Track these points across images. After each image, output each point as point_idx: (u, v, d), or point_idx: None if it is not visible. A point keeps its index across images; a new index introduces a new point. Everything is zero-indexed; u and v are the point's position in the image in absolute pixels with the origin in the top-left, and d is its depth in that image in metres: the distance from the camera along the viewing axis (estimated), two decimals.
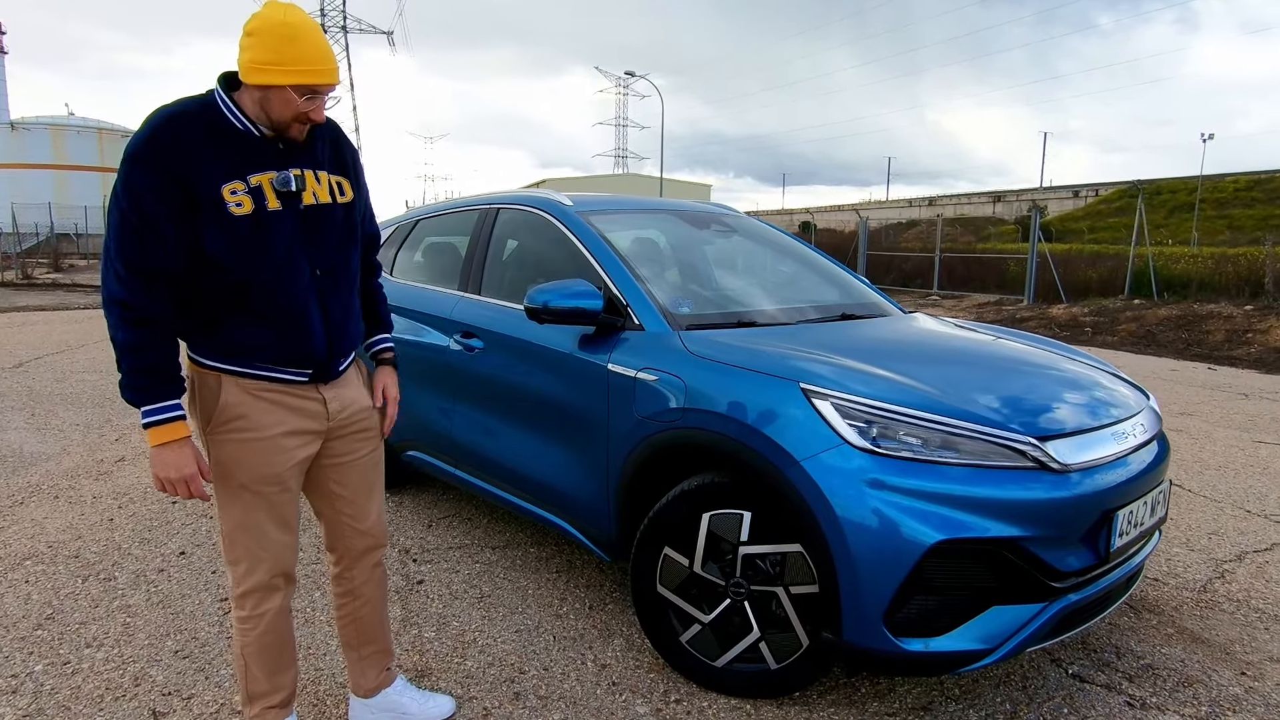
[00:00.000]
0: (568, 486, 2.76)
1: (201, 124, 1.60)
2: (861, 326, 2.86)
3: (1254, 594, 3.06)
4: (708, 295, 2.96)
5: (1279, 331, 10.68)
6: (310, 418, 1.79)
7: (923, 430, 2.00)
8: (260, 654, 1.84)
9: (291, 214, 1.68)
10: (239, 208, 1.61)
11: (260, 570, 1.78)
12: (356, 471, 1.93)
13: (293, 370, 1.74)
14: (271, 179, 1.65)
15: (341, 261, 1.81)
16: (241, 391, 1.70)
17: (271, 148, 1.67)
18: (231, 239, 1.61)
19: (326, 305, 1.76)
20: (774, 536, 2.15)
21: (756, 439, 2.12)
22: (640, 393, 2.45)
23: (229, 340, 1.69)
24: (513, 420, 2.98)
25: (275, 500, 1.76)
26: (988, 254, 19.57)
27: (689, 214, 3.56)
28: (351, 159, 1.87)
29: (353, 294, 1.87)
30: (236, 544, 1.77)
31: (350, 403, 1.87)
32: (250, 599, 1.80)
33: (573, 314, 2.58)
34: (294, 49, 1.57)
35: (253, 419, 1.71)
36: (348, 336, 1.84)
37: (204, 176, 1.58)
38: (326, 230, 1.76)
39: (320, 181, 1.75)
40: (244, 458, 1.72)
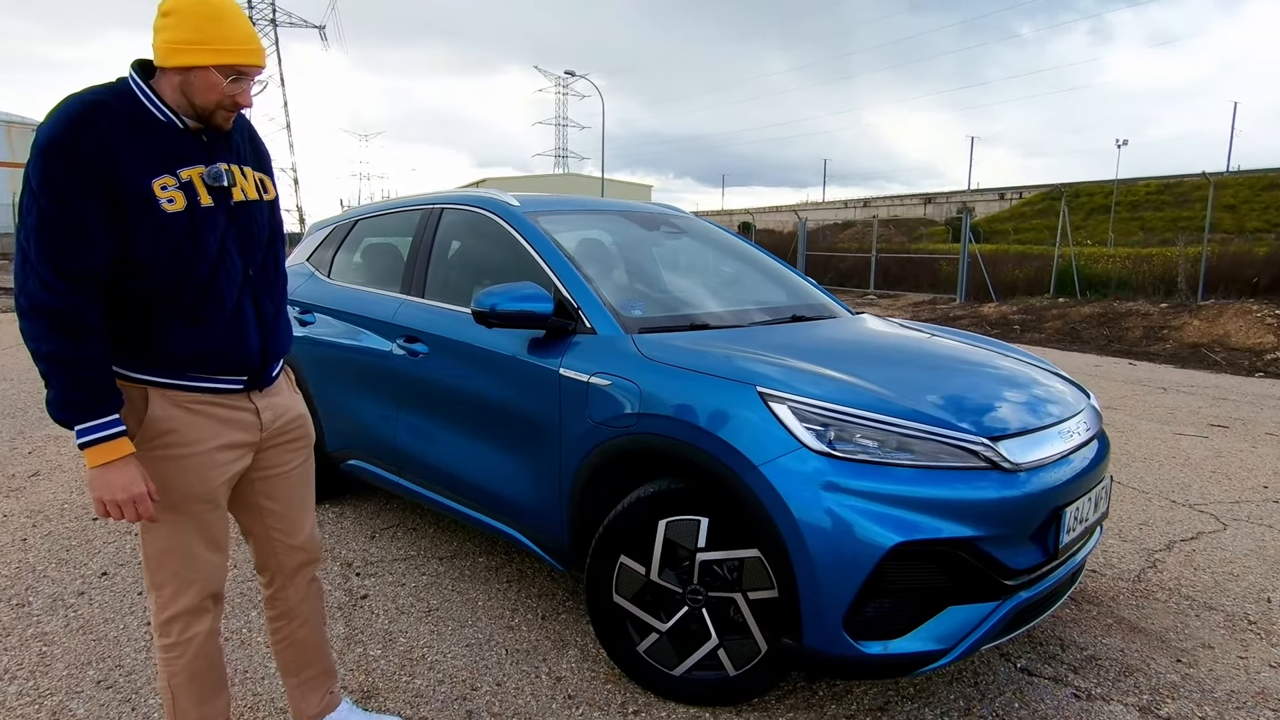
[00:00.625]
0: (518, 494, 2.69)
1: (120, 115, 1.48)
2: (813, 328, 2.87)
3: (1184, 582, 3.18)
4: (659, 297, 2.93)
5: (1192, 328, 11.26)
6: (244, 429, 1.69)
7: (879, 432, 2.00)
8: (189, 682, 1.72)
9: (223, 211, 1.60)
10: (171, 204, 1.50)
11: (188, 594, 1.67)
12: (288, 484, 1.83)
13: (226, 379, 1.65)
14: (201, 173, 1.56)
15: (272, 260, 1.74)
16: (170, 405, 1.59)
17: (196, 141, 1.57)
18: (163, 239, 1.50)
19: (261, 306, 1.68)
20: (732, 542, 2.13)
21: (713, 444, 2.09)
22: (593, 398, 2.40)
23: (159, 349, 1.57)
24: (460, 427, 2.89)
25: (206, 519, 1.66)
26: (921, 254, 20.13)
27: (638, 215, 3.52)
28: (266, 157, 1.80)
29: (284, 294, 1.79)
30: (163, 567, 1.65)
31: (283, 411, 1.79)
32: (177, 624, 1.68)
33: (522, 317, 2.51)
34: (217, 27, 1.47)
35: (183, 434, 1.60)
36: (280, 339, 1.76)
37: (131, 171, 1.46)
38: (257, 227, 1.68)
39: (246, 177, 1.67)
40: (174, 476, 1.60)
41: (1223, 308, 11.49)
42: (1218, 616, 2.90)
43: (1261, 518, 3.97)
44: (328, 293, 3.68)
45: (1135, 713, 2.27)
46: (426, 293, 3.22)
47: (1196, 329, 11.21)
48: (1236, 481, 4.60)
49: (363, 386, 3.31)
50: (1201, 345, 10.67)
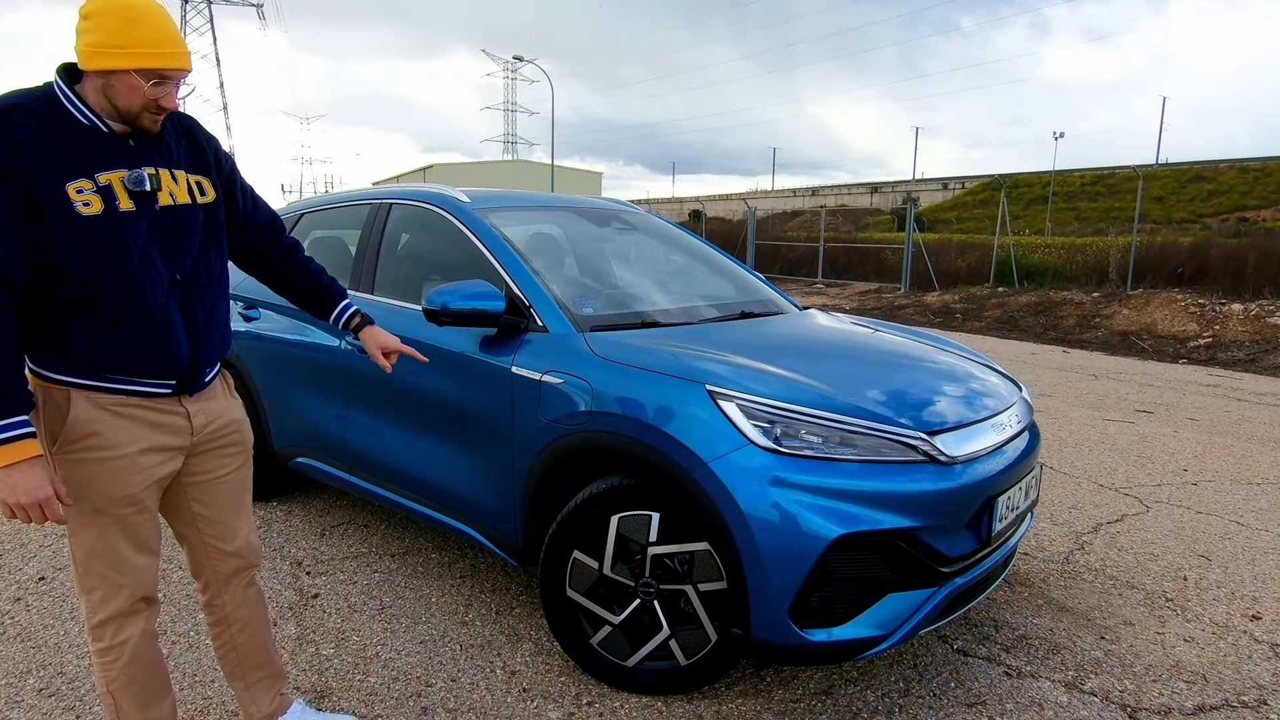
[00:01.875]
0: (471, 491, 2.70)
1: (39, 119, 1.47)
2: (761, 325, 2.94)
3: (1109, 563, 3.37)
4: (611, 295, 2.96)
5: (1121, 317, 11.76)
6: (172, 433, 1.67)
7: (822, 429, 2.08)
8: (128, 686, 1.71)
9: (146, 215, 1.57)
10: (87, 208, 1.49)
11: (119, 597, 1.65)
12: (222, 490, 1.82)
13: (154, 382, 1.63)
14: (122, 177, 1.53)
15: (204, 265, 1.69)
16: (94, 407, 1.58)
17: (121, 144, 1.55)
18: (80, 243, 1.49)
19: (189, 312, 1.65)
20: (682, 536, 2.18)
21: (663, 441, 2.14)
22: (546, 396, 2.43)
23: (80, 353, 1.55)
24: (411, 424, 2.89)
25: (132, 522, 1.64)
26: (868, 244, 20.53)
27: (589, 211, 3.54)
28: (215, 155, 1.75)
29: (218, 299, 1.75)
30: (91, 571, 1.64)
31: (216, 416, 1.77)
32: (109, 627, 1.67)
33: (473, 315, 2.52)
34: (137, 30, 1.46)
35: (107, 436, 1.58)
36: (212, 344, 1.73)
37: (45, 176, 1.45)
38: (186, 233, 1.64)
39: (178, 181, 1.63)
40: (97, 478, 1.58)
41: (1150, 297, 12.02)
42: (1138, 595, 3.07)
43: (1180, 500, 4.21)
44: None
45: (1062, 688, 2.41)
46: (376, 289, 3.19)
47: (1126, 317, 11.71)
48: (1159, 465, 4.85)
49: (310, 383, 3.27)
50: (1130, 333, 11.16)
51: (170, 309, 1.61)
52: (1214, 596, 3.07)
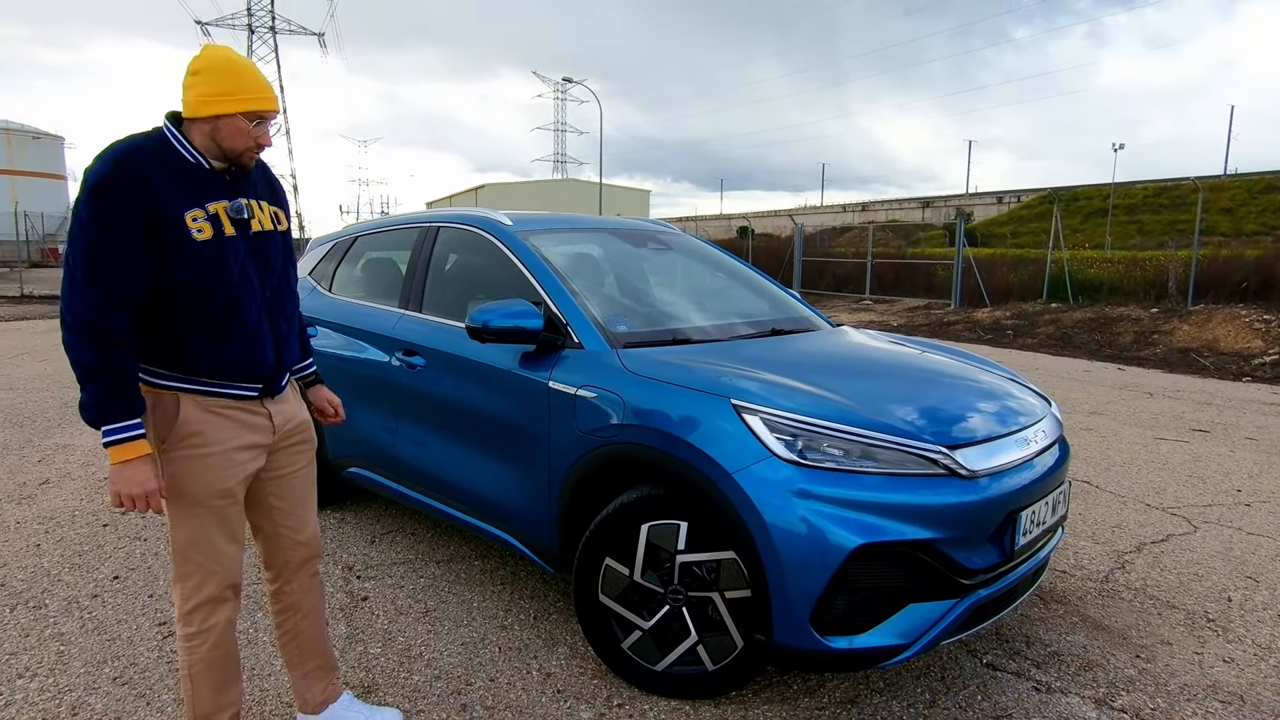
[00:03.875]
0: (510, 500, 2.83)
1: (157, 157, 1.71)
2: (790, 342, 3.02)
3: (1150, 582, 3.33)
4: (645, 313, 3.07)
5: (1181, 333, 11.40)
6: (259, 432, 1.90)
7: (844, 442, 2.15)
8: (208, 670, 1.89)
9: (244, 239, 1.82)
10: (200, 234, 1.73)
11: (211, 584, 1.85)
12: (295, 484, 2.03)
13: (245, 385, 1.85)
14: (225, 207, 1.78)
15: (285, 283, 1.97)
16: (199, 409, 1.80)
17: (220, 179, 1.80)
18: (193, 264, 1.72)
19: (275, 324, 1.91)
20: (709, 544, 2.27)
21: (691, 453, 2.23)
22: (580, 409, 2.55)
23: (189, 360, 1.78)
24: (455, 436, 3.04)
25: (226, 514, 1.85)
26: (917, 260, 20.28)
27: (626, 232, 3.67)
28: (281, 193, 2.02)
29: (294, 312, 2.02)
30: (188, 559, 1.83)
31: (291, 416, 2.00)
32: (200, 613, 1.85)
33: (513, 333, 2.66)
34: (240, 80, 1.74)
35: (208, 435, 1.80)
36: (291, 352, 1.99)
37: (167, 205, 1.69)
38: (272, 254, 1.90)
39: (263, 210, 1.90)
40: (198, 473, 1.80)
41: (1212, 312, 11.64)
42: (1179, 615, 3.04)
43: (1231, 520, 4.11)
44: (329, 306, 3.83)
45: (1091, 705, 2.41)
46: (424, 308, 3.37)
47: (1186, 334, 11.36)
48: (1211, 485, 4.74)
49: (363, 397, 3.45)
50: (1190, 350, 10.82)
51: (262, 321, 1.86)
52: (1259, 618, 3.02)
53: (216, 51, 1.75)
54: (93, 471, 4.68)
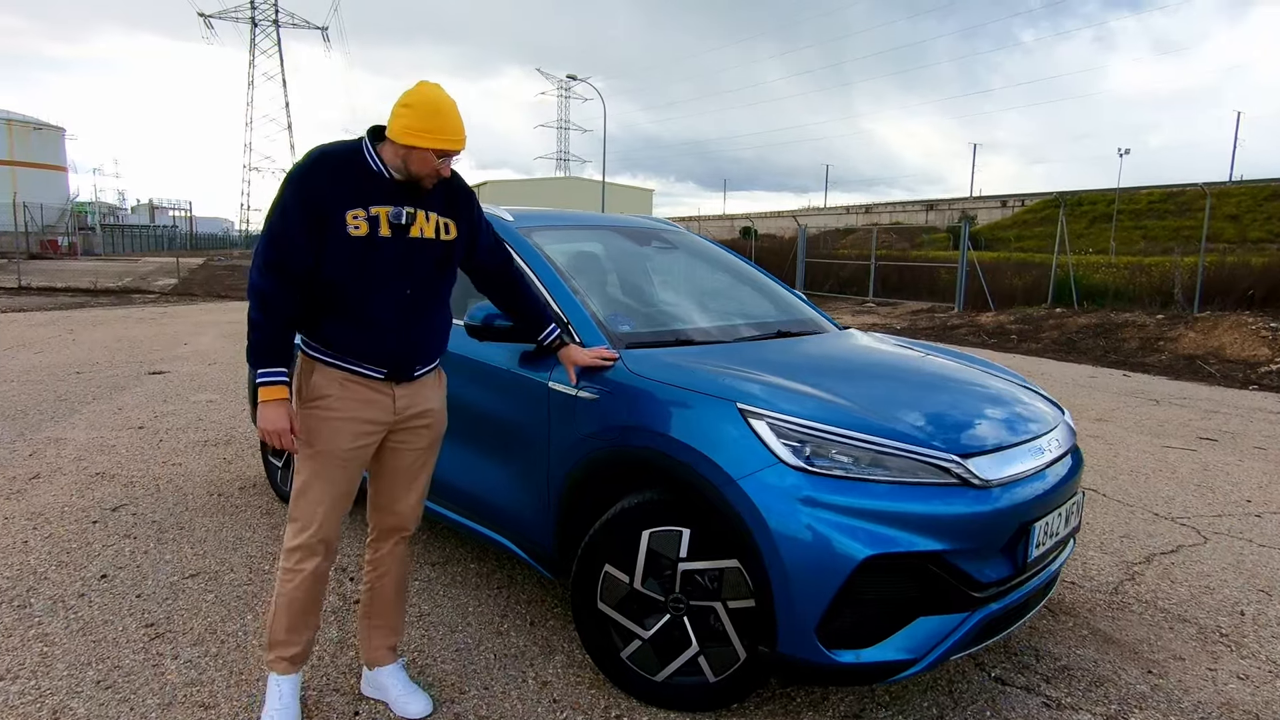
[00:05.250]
0: (508, 503, 2.76)
1: (346, 162, 2.00)
2: (796, 344, 2.94)
3: (1160, 595, 3.25)
4: (648, 313, 3.00)
5: (1187, 340, 11.32)
6: (379, 409, 2.12)
7: (853, 449, 2.08)
8: (289, 606, 2.14)
9: (399, 242, 2.03)
10: (356, 230, 1.98)
11: (309, 530, 2.11)
12: (404, 459, 2.24)
13: (370, 367, 2.09)
14: (388, 212, 2.01)
15: (431, 287, 2.13)
16: (328, 379, 2.08)
17: (396, 188, 2.03)
18: (344, 254, 1.98)
19: (410, 320, 2.09)
20: (712, 552, 2.20)
21: (694, 457, 2.16)
22: (581, 410, 2.48)
23: (325, 335, 2.06)
24: (452, 436, 2.96)
25: (335, 475, 2.10)
26: (920, 262, 20.20)
27: (630, 230, 3.60)
28: (466, 204, 2.20)
29: (438, 315, 2.18)
30: (299, 504, 2.12)
31: (417, 402, 2.19)
32: (296, 554, 2.12)
33: (512, 330, 2.59)
34: (439, 120, 1.94)
35: (332, 401, 2.07)
36: (427, 348, 2.17)
37: (335, 202, 1.96)
38: (424, 260, 2.09)
39: (429, 220, 2.08)
40: (321, 430, 2.08)
41: (1218, 319, 11.55)
42: (1190, 629, 2.96)
43: (1241, 531, 4.04)
44: None
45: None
46: None
47: (1192, 341, 11.27)
48: (1220, 495, 4.66)
49: None
50: (1196, 357, 10.74)
51: (396, 316, 2.06)
52: (1273, 634, 2.94)
53: (428, 90, 1.95)
54: (84, 466, 4.62)
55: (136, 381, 7.29)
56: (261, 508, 4.01)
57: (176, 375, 7.68)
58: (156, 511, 3.92)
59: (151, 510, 3.93)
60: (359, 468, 2.16)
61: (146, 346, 9.54)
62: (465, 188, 2.21)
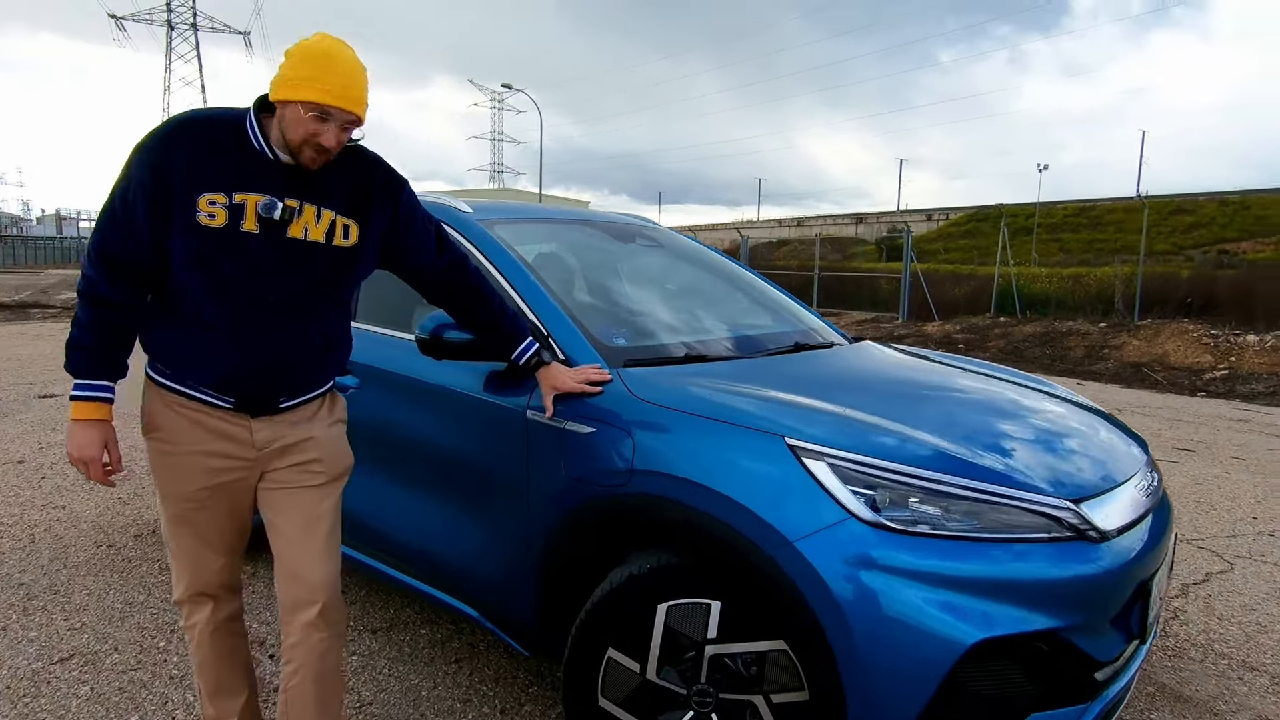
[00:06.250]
0: (474, 564, 2.20)
1: (215, 134, 1.58)
2: (823, 359, 2.47)
3: (1214, 636, 2.89)
4: (645, 323, 2.47)
5: (1131, 348, 11.44)
6: (232, 442, 1.69)
7: (942, 497, 1.60)
8: (199, 668, 1.84)
9: (268, 240, 1.60)
10: (210, 219, 1.56)
11: (183, 583, 1.78)
12: (295, 501, 1.75)
13: (214, 394, 1.65)
14: (258, 201, 1.58)
15: (310, 302, 1.68)
16: (161, 404, 1.68)
17: (279, 173, 1.60)
18: (192, 249, 1.57)
19: (274, 340, 1.65)
20: (751, 631, 1.69)
21: (729, 510, 1.66)
22: (571, 447, 1.94)
23: (165, 353, 1.66)
24: (399, 479, 2.39)
25: (192, 518, 1.72)
26: (863, 273, 20.27)
27: (610, 226, 3.07)
28: (384, 197, 1.75)
29: (320, 334, 1.73)
30: (170, 551, 1.78)
31: (284, 435, 1.72)
32: (184, 608, 1.82)
33: (477, 346, 2.04)
34: (316, 67, 1.53)
35: (168, 432, 1.68)
36: (295, 378, 1.72)
37: (190, 182, 1.55)
38: (304, 267, 1.65)
39: (320, 219, 1.65)
40: (161, 468, 1.70)
41: (1160, 327, 11.72)
42: (1262, 679, 2.60)
43: (1262, 553, 3.76)
44: None
45: None
46: (359, 315, 2.70)
47: (1136, 348, 11.39)
48: (1224, 512, 4.41)
49: None
50: (1142, 365, 10.82)
51: (251, 332, 1.62)
52: None
53: (318, 38, 1.56)
54: None
55: (23, 406, 6.37)
56: (160, 561, 3.31)
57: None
58: (26, 570, 3.18)
59: (20, 568, 3.20)
60: (228, 509, 1.74)
61: (39, 366, 8.49)
62: (386, 176, 1.77)
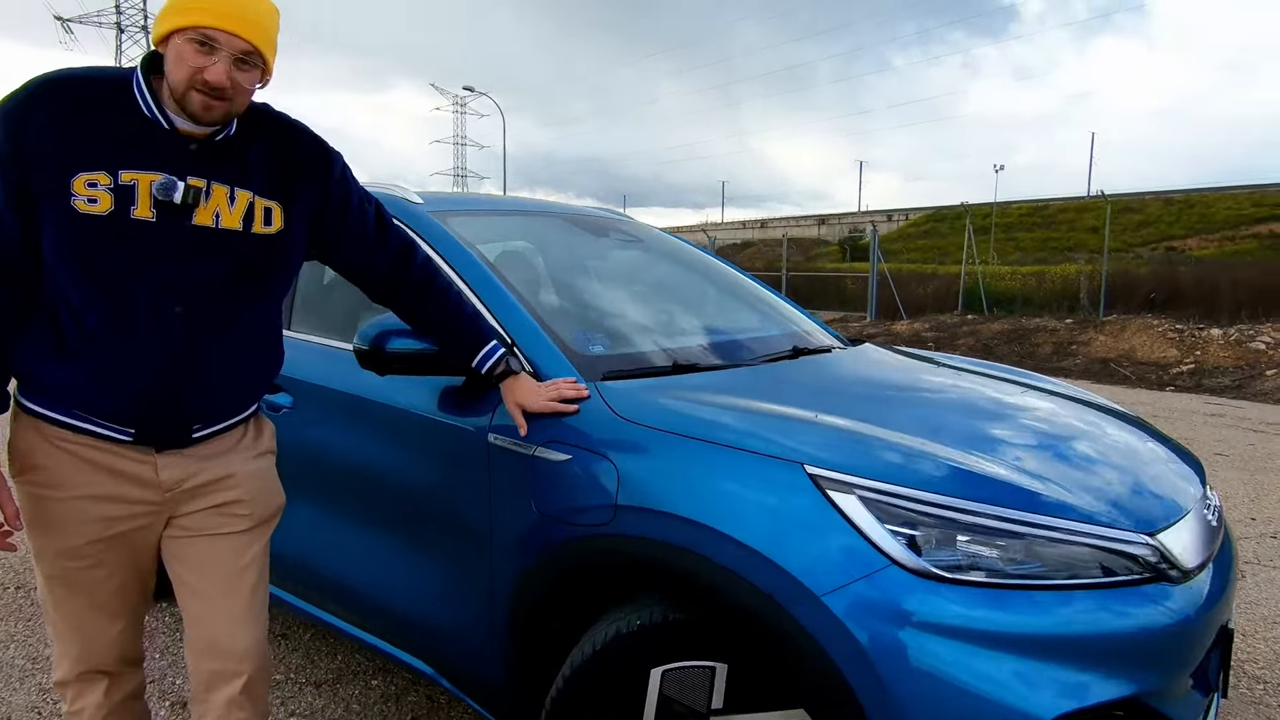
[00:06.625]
0: (431, 616, 1.87)
1: (97, 97, 1.29)
2: (829, 366, 2.18)
3: (1240, 656, 2.68)
4: (624, 328, 2.15)
5: (1098, 344, 11.44)
6: (133, 483, 1.37)
7: (998, 535, 1.32)
8: None
9: (168, 230, 1.30)
10: (91, 204, 1.26)
11: (68, 659, 1.45)
12: (213, 553, 1.44)
13: (109, 425, 1.35)
14: (153, 181, 1.28)
15: (226, 305, 1.38)
16: (40, 438, 1.35)
17: (177, 146, 1.31)
18: (71, 243, 1.27)
19: (181, 354, 1.34)
20: (764, 699, 1.40)
21: (737, 556, 1.35)
22: (541, 478, 1.62)
23: (35, 371, 1.34)
24: (344, 516, 2.04)
25: (81, 579, 1.39)
26: (830, 273, 20.24)
27: (580, 219, 2.74)
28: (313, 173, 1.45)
29: (239, 348, 1.42)
30: (51, 618, 1.45)
31: (199, 472, 1.41)
32: (68, 690, 1.47)
33: (428, 358, 1.72)
34: None
35: (51, 474, 1.35)
36: (212, 399, 1.41)
37: (58, 157, 1.25)
38: (216, 261, 1.35)
39: (234, 202, 1.35)
40: (39, 519, 1.37)
41: (1125, 323, 11.76)
42: None
43: (1272, 559, 3.58)
44: None
45: None
46: (294, 323, 2.35)
47: (1103, 344, 11.40)
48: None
49: None
50: (1110, 360, 10.82)
51: (153, 346, 1.32)
52: None
53: None
54: None
55: None
56: None
57: None
58: None
59: None
60: (128, 565, 1.42)
61: None
62: (313, 146, 1.47)
